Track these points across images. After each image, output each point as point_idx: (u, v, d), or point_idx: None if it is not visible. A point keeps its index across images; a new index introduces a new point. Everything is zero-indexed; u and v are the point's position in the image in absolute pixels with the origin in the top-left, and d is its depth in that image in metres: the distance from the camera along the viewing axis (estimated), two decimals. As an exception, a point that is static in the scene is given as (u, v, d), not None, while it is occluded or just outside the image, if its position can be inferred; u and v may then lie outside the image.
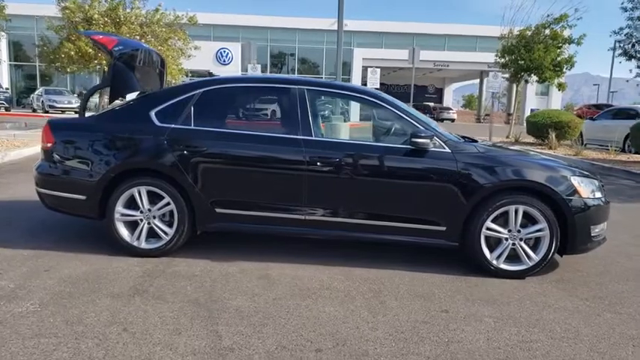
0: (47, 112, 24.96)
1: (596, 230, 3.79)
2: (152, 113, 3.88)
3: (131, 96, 4.36)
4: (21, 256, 3.81)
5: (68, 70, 16.03)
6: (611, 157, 12.84)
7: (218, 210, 3.83)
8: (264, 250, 4.13)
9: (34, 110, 26.52)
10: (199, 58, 18.86)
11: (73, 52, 14.86)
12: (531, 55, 16.56)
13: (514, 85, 37.36)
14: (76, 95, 29.59)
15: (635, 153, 13.46)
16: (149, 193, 3.83)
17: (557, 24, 16.71)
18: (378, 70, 15.97)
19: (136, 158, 3.83)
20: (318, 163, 3.71)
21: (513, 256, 3.75)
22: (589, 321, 3.07)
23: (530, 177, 3.66)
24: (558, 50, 16.65)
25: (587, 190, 3.76)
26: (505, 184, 3.66)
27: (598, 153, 13.75)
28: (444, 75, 46.45)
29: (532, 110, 32.74)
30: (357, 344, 2.67)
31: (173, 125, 3.83)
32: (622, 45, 10.68)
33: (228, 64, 34.45)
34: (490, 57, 35.84)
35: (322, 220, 3.80)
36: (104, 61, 15.32)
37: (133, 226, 3.89)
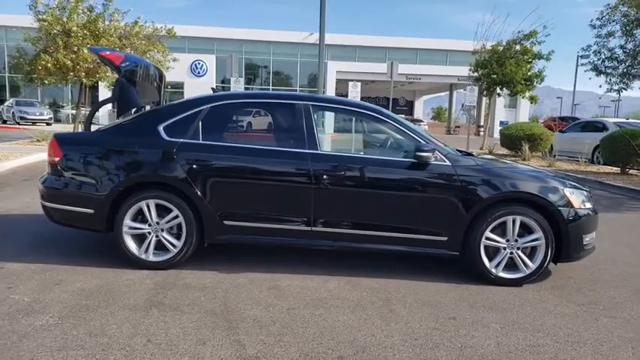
0: (18, 123, 24.31)
1: (587, 239, 4.03)
2: (160, 128, 3.94)
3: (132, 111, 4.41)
4: (29, 270, 3.78)
5: (45, 82, 15.69)
6: (582, 167, 13.41)
7: (226, 222, 3.90)
8: (270, 261, 4.22)
9: (5, 122, 25.79)
10: (174, 70, 18.69)
11: (50, 64, 14.58)
12: (503, 70, 17.20)
13: (483, 98, 38.59)
14: (47, 107, 28.92)
15: (604, 164, 14.11)
16: (157, 207, 3.87)
17: (527, 40, 17.42)
18: (359, 83, 16.26)
19: (144, 172, 3.88)
20: (324, 177, 3.83)
21: (511, 265, 3.95)
22: (588, 325, 3.27)
23: (527, 189, 3.87)
24: (529, 65, 17.35)
25: (578, 200, 4.00)
26: (503, 196, 3.86)
27: (569, 164, 14.33)
28: (414, 88, 47.39)
29: (501, 122, 33.80)
30: (377, 351, 2.78)
31: (182, 140, 3.90)
32: (592, 61, 11.25)
33: (203, 75, 34.33)
34: (460, 70, 36.98)
35: (328, 232, 3.91)
36: (82, 73, 15.11)
37: (140, 239, 3.92)
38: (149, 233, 3.89)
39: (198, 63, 32.80)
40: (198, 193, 3.83)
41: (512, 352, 2.85)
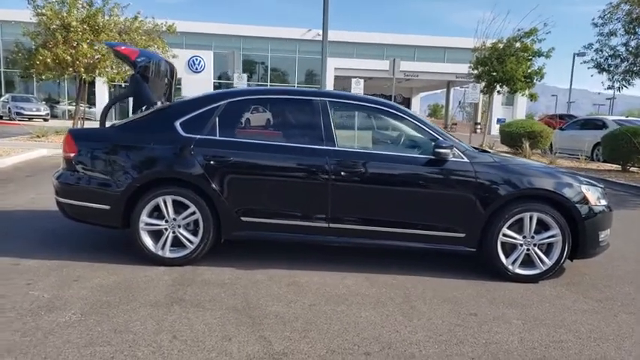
0: (13, 119, 24.12)
1: (602, 236, 4.04)
2: (177, 124, 3.92)
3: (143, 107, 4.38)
4: (45, 267, 3.76)
5: (43, 77, 15.55)
6: (582, 165, 13.47)
7: (244, 218, 3.88)
8: (287, 258, 4.20)
9: (1, 117, 25.56)
10: None
11: (49, 59, 14.46)
12: (504, 67, 17.18)
13: (480, 95, 38.59)
14: (43, 102, 28.69)
15: (604, 161, 14.18)
16: (174, 203, 3.85)
17: (527, 37, 17.40)
18: (362, 80, 16.25)
19: (161, 168, 3.85)
20: (342, 173, 3.82)
21: (527, 261, 3.95)
22: (608, 322, 3.28)
23: (545, 185, 3.88)
24: (529, 63, 17.35)
25: (594, 197, 4.01)
26: (521, 193, 3.87)
27: (570, 161, 14.38)
28: (412, 85, 47.38)
29: (498, 120, 33.82)
30: (402, 347, 2.79)
31: (199, 135, 3.87)
32: (595, 59, 11.27)
33: (200, 72, 34.16)
34: (457, 68, 36.99)
35: (346, 229, 3.91)
36: (82, 69, 15.00)
37: (157, 235, 3.90)
38: (166, 229, 3.87)
39: (196, 59, 32.63)
40: (216, 189, 3.81)
41: (536, 348, 2.86)
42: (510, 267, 3.92)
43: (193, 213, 3.85)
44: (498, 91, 18.42)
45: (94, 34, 14.87)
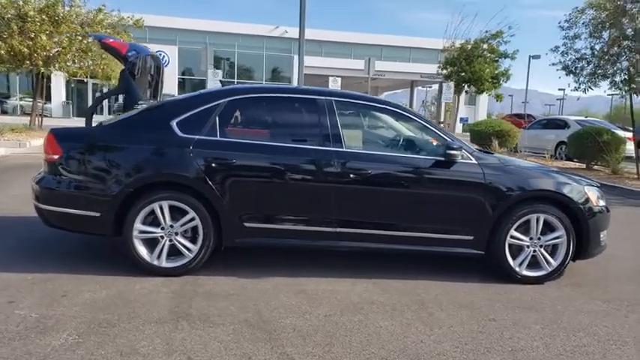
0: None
1: (602, 236, 4.07)
2: (173, 123, 3.65)
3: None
4: (26, 281, 3.42)
5: (-5, 69, 14.63)
6: (548, 163, 13.85)
7: (247, 224, 3.67)
8: (289, 264, 4.02)
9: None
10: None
11: (3, 51, 13.59)
12: (472, 68, 17.54)
13: (443, 95, 39.31)
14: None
15: (567, 159, 14.67)
16: (171, 208, 3.59)
17: (494, 39, 17.83)
18: (339, 79, 16.14)
19: (158, 171, 3.59)
20: (350, 175, 3.67)
21: (533, 263, 3.93)
22: (622, 323, 3.28)
23: (551, 187, 3.86)
24: (495, 64, 17.78)
25: (594, 197, 4.03)
26: (529, 194, 3.83)
27: (536, 160, 14.77)
28: (377, 84, 47.73)
29: (461, 119, 34.60)
30: (434, 359, 2.66)
31: (198, 136, 3.63)
32: (562, 61, 11.59)
33: (165, 67, 33.22)
34: (422, 67, 37.55)
35: (353, 233, 3.76)
36: (40, 62, 14.19)
37: (151, 243, 3.62)
38: (162, 237, 3.60)
39: (160, 54, 31.61)
40: (217, 193, 3.57)
41: (562, 355, 2.80)
42: (517, 269, 3.88)
43: (192, 219, 3.60)
44: (466, 91, 18.79)
45: (53, 25, 14.10)
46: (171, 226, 3.60)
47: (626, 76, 10.78)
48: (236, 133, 3.74)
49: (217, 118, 3.69)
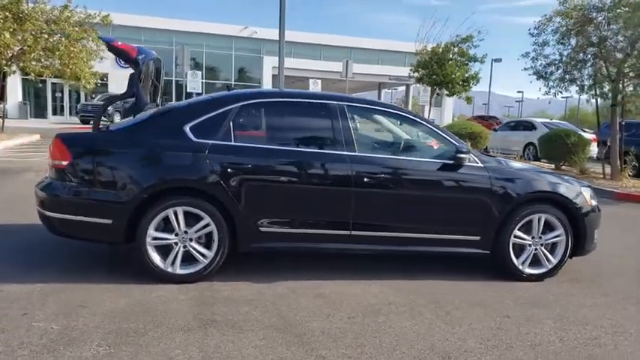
0: None
1: (595, 234, 4.29)
2: (187, 128, 3.62)
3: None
4: (37, 292, 3.31)
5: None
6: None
7: (262, 229, 3.67)
8: (298, 267, 4.04)
9: None
10: (96, 61, 17.16)
11: (-38, 50, 12.96)
12: (443, 71, 17.95)
13: (410, 97, 39.93)
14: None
15: (535, 160, 15.26)
16: (185, 214, 3.55)
17: (464, 43, 18.30)
18: (319, 81, 16.19)
19: (173, 176, 3.54)
20: (365, 179, 3.74)
21: (533, 261, 4.10)
22: (623, 315, 3.47)
23: (552, 188, 4.05)
24: (466, 67, 18.26)
25: (589, 197, 4.24)
26: (531, 196, 4.00)
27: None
28: (345, 86, 48.23)
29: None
30: (462, 356, 2.75)
31: (212, 141, 3.61)
32: (533, 66, 12.04)
33: (128, 67, 32.37)
34: (390, 70, 38.06)
35: (367, 236, 3.83)
36: (3, 61, 13.58)
37: (164, 250, 3.58)
38: (176, 244, 3.56)
39: (124, 54, 30.81)
40: (234, 198, 3.56)
41: (578, 347, 2.95)
42: (521, 267, 4.04)
43: (207, 225, 3.58)
44: (437, 94, 19.19)
45: (17, 22, 13.52)
46: (186, 232, 3.57)
47: (592, 82, 11.30)
48: (250, 137, 3.74)
49: (231, 123, 3.68)
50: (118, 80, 28.95)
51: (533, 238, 4.06)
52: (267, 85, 35.27)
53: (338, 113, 3.84)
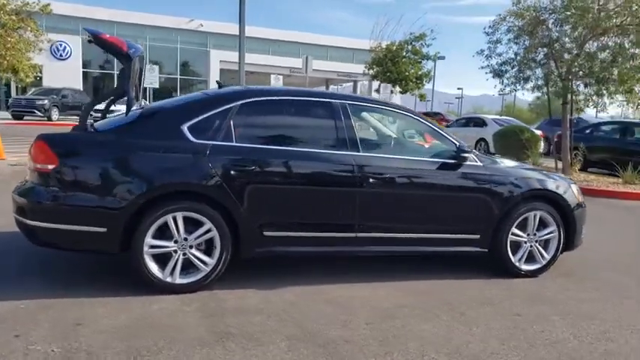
0: None
1: (583, 229, 4.44)
2: (184, 128, 3.37)
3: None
4: (22, 311, 2.96)
5: None
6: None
7: (266, 233, 3.49)
8: (299, 272, 3.89)
9: None
10: (31, 52, 15.91)
11: None
12: (398, 68, 18.26)
13: (358, 93, 40.32)
14: None
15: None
16: (185, 220, 3.31)
17: (417, 42, 18.71)
18: (281, 77, 15.90)
19: (173, 179, 3.29)
20: (370, 180, 3.65)
21: (528, 258, 4.18)
22: (622, 308, 3.59)
23: (547, 186, 4.14)
24: (419, 65, 18.67)
25: (577, 194, 4.39)
26: (527, 194, 4.06)
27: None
28: (293, 81, 48.02)
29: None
30: (490, 358, 2.73)
31: (213, 142, 3.38)
32: (491, 65, 12.44)
33: (66, 59, 30.57)
34: (338, 66, 38.30)
35: (372, 237, 3.74)
36: None
37: (162, 258, 3.32)
38: (175, 251, 3.31)
39: (61, 44, 29.01)
40: (237, 202, 3.36)
41: (592, 343, 3.01)
42: (517, 264, 4.11)
43: (208, 231, 3.35)
44: (392, 91, 19.48)
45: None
46: (186, 239, 3.32)
47: (544, 81, 11.84)
48: (251, 138, 3.53)
49: (231, 122, 3.47)
50: (55, 72, 27.29)
51: (528, 235, 4.13)
52: (213, 79, 34.43)
53: (341, 112, 3.71)
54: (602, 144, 12.38)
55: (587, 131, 13.32)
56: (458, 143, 3.96)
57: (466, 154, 3.84)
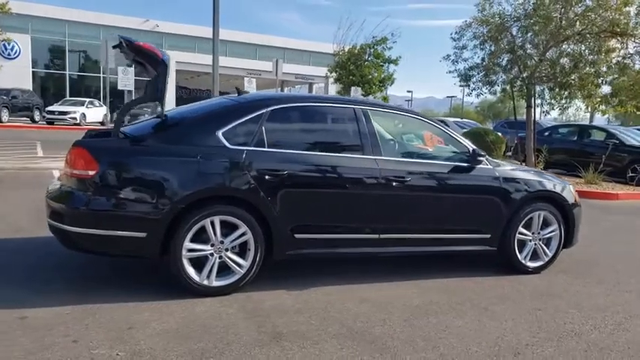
0: None
1: (580, 227, 4.76)
2: (220, 134, 3.39)
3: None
4: (69, 316, 2.91)
5: None
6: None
7: (297, 236, 3.55)
8: (323, 273, 3.98)
9: None
10: None
11: None
12: (360, 72, 18.59)
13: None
14: None
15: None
16: (221, 223, 3.33)
17: (379, 45, 19.11)
18: (254, 80, 15.79)
19: (212, 184, 3.30)
20: (393, 183, 3.78)
21: (532, 255, 4.43)
22: (625, 300, 3.89)
23: (550, 187, 4.42)
24: (382, 68, 19.09)
25: (574, 194, 4.71)
26: (533, 195, 4.32)
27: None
28: (247, 83, 47.57)
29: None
30: (526, 350, 2.90)
31: (247, 148, 3.41)
32: (459, 69, 12.93)
33: (15, 58, 29.02)
34: (295, 68, 38.29)
35: (394, 238, 3.89)
36: None
37: (198, 262, 3.32)
38: (211, 255, 3.32)
39: (8, 43, 27.36)
40: (271, 206, 3.40)
41: (613, 333, 3.23)
42: (524, 261, 4.36)
43: (243, 234, 3.37)
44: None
45: None
46: (222, 242, 3.33)
47: (508, 85, 12.45)
48: (282, 143, 3.59)
49: (263, 128, 3.51)
50: (3, 72, 25.73)
51: (533, 233, 4.40)
52: (171, 79, 33.66)
53: (363, 118, 3.84)
54: (561, 146, 13.09)
55: (546, 134, 14.07)
56: (472, 147, 4.17)
57: (481, 157, 4.06)
